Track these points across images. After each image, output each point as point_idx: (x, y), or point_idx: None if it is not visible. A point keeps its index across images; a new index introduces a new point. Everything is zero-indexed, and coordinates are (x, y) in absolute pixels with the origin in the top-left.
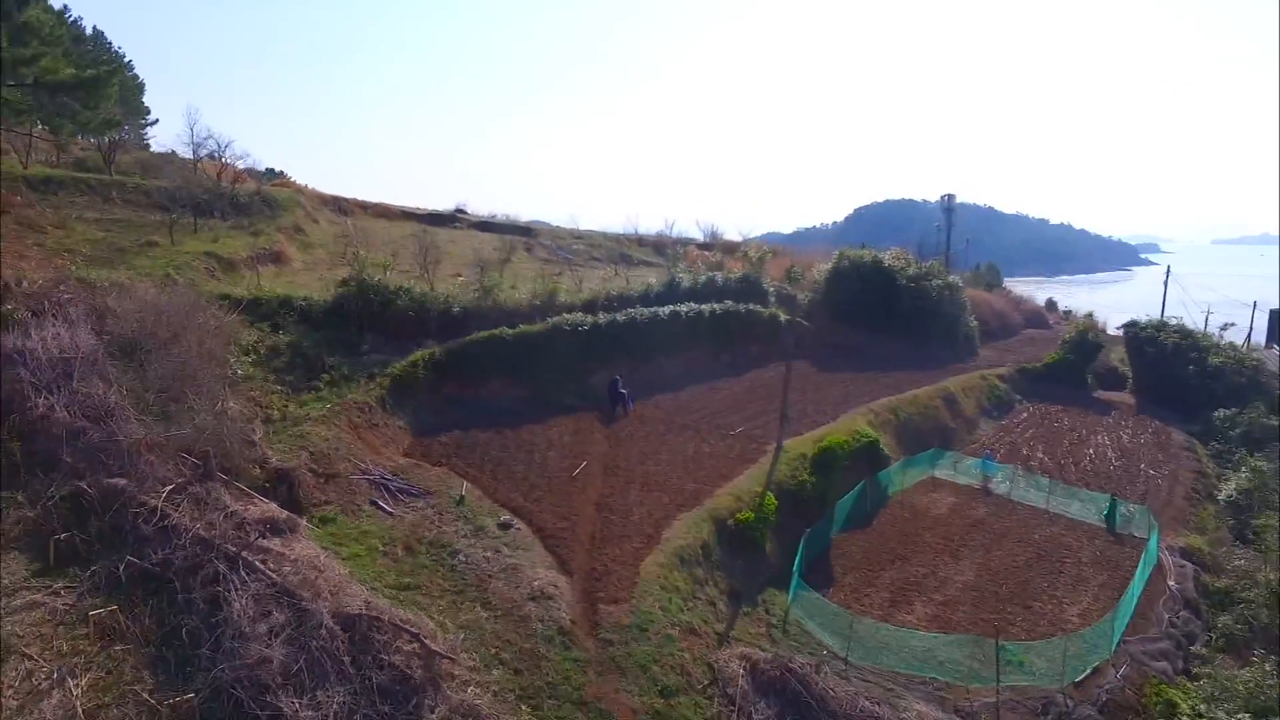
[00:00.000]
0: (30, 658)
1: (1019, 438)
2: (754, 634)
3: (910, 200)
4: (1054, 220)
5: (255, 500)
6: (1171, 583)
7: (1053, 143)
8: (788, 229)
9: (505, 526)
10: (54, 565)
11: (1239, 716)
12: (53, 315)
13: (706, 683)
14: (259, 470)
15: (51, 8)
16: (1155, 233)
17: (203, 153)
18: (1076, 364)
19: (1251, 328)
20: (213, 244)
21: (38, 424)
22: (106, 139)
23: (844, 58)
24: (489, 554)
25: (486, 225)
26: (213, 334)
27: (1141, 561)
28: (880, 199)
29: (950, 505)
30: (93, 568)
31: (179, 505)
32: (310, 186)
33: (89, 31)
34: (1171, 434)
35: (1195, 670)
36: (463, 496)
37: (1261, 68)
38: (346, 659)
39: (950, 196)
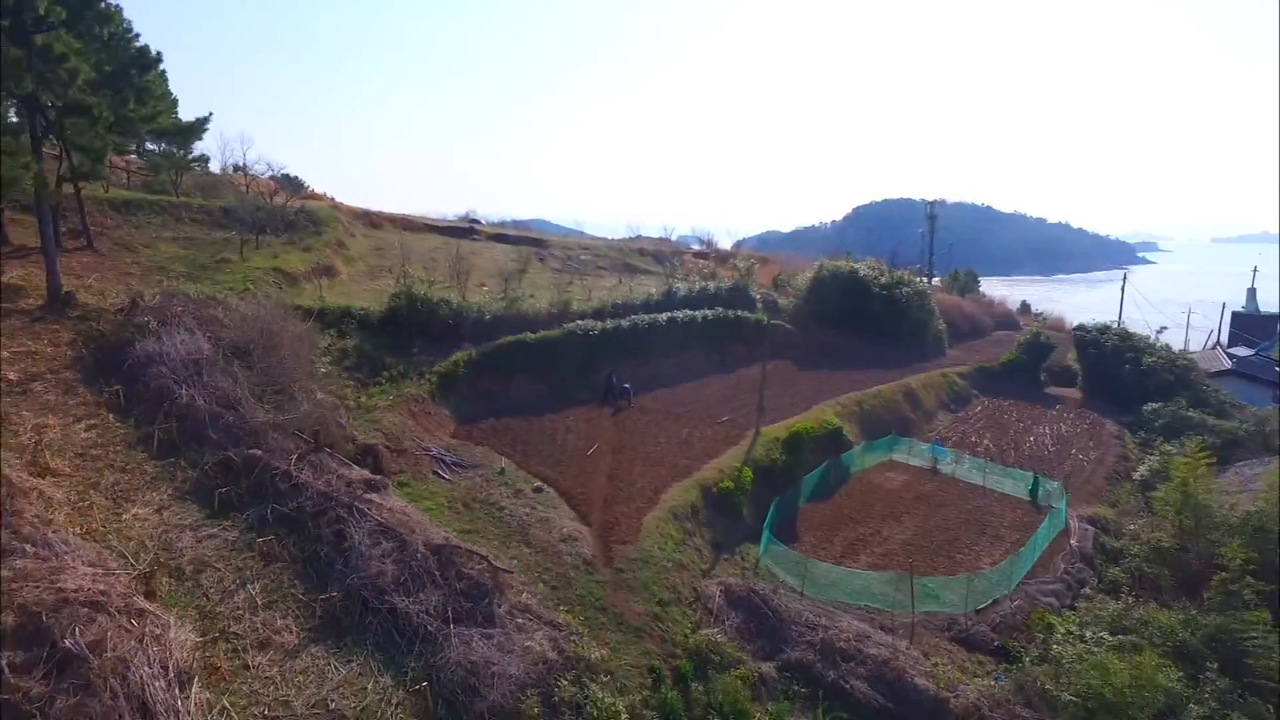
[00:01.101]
0: (218, 569)
1: (970, 428)
2: (731, 573)
3: (908, 199)
4: (1051, 219)
5: (353, 467)
6: (1073, 541)
7: (1053, 141)
8: (787, 228)
9: (538, 490)
10: (218, 511)
11: (1100, 634)
12: (174, 325)
13: (692, 599)
14: (350, 446)
15: (161, 72)
16: (1155, 231)
17: (229, 161)
18: (1030, 363)
19: (1220, 328)
20: (274, 260)
21: (184, 410)
22: (179, 165)
23: (844, 58)
24: (526, 510)
25: (502, 237)
26: (300, 339)
27: (1046, 522)
28: (879, 198)
29: (901, 482)
30: (247, 513)
31: (302, 469)
32: (336, 198)
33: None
34: (1106, 425)
35: (1077, 605)
36: (504, 468)
37: (1262, 66)
38: (436, 573)
39: (933, 204)
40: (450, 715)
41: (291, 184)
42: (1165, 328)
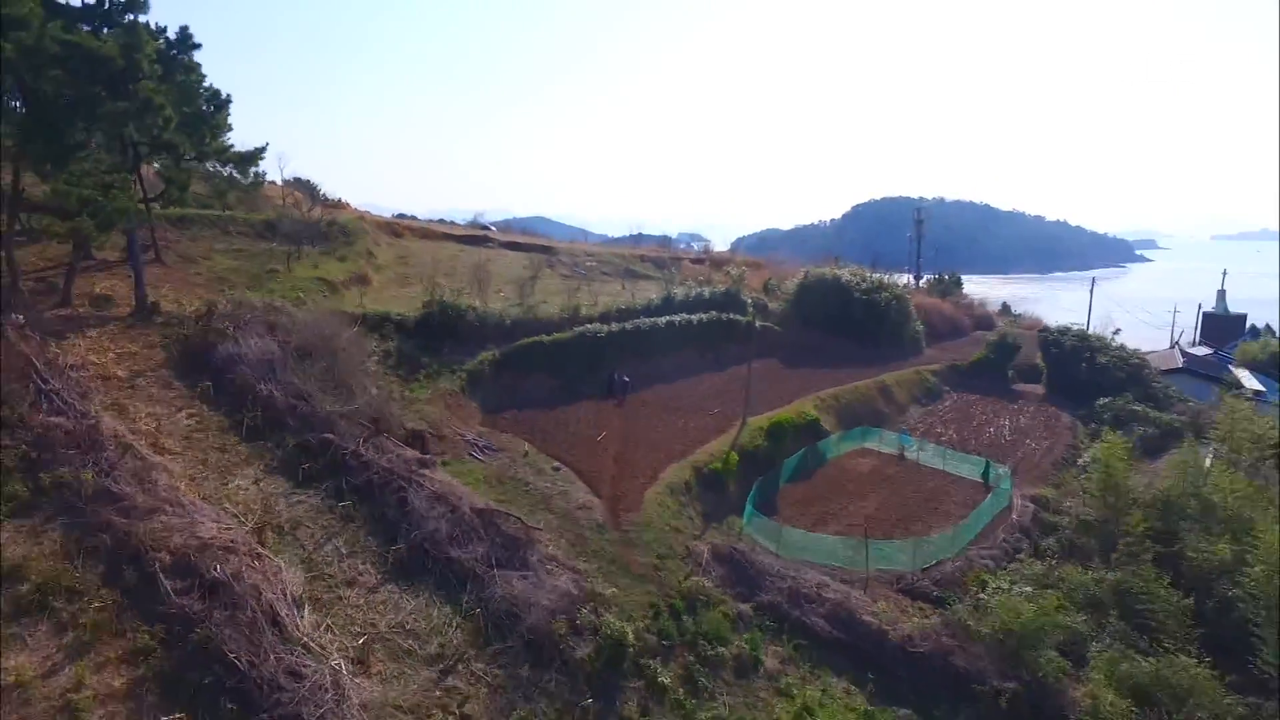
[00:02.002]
0: (309, 527)
1: (938, 420)
2: (717, 537)
3: (906, 198)
4: (1050, 217)
5: (405, 448)
6: (1014, 516)
7: (1054, 139)
8: (787, 225)
9: (556, 469)
10: (302, 483)
11: (1024, 588)
12: (247, 330)
13: (685, 555)
14: (402, 431)
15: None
16: (1156, 228)
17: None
18: (997, 361)
19: (1203, 327)
20: (315, 270)
21: (265, 402)
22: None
23: (843, 56)
24: (548, 484)
25: (513, 245)
26: (353, 342)
27: (989, 499)
28: (878, 196)
29: (870, 466)
30: (325, 484)
31: (367, 449)
32: (347, 200)
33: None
34: (1062, 417)
35: (1010, 567)
36: (527, 451)
37: (1263, 63)
38: (481, 530)
39: (920, 211)
40: (498, 634)
41: (306, 188)
42: (1120, 330)
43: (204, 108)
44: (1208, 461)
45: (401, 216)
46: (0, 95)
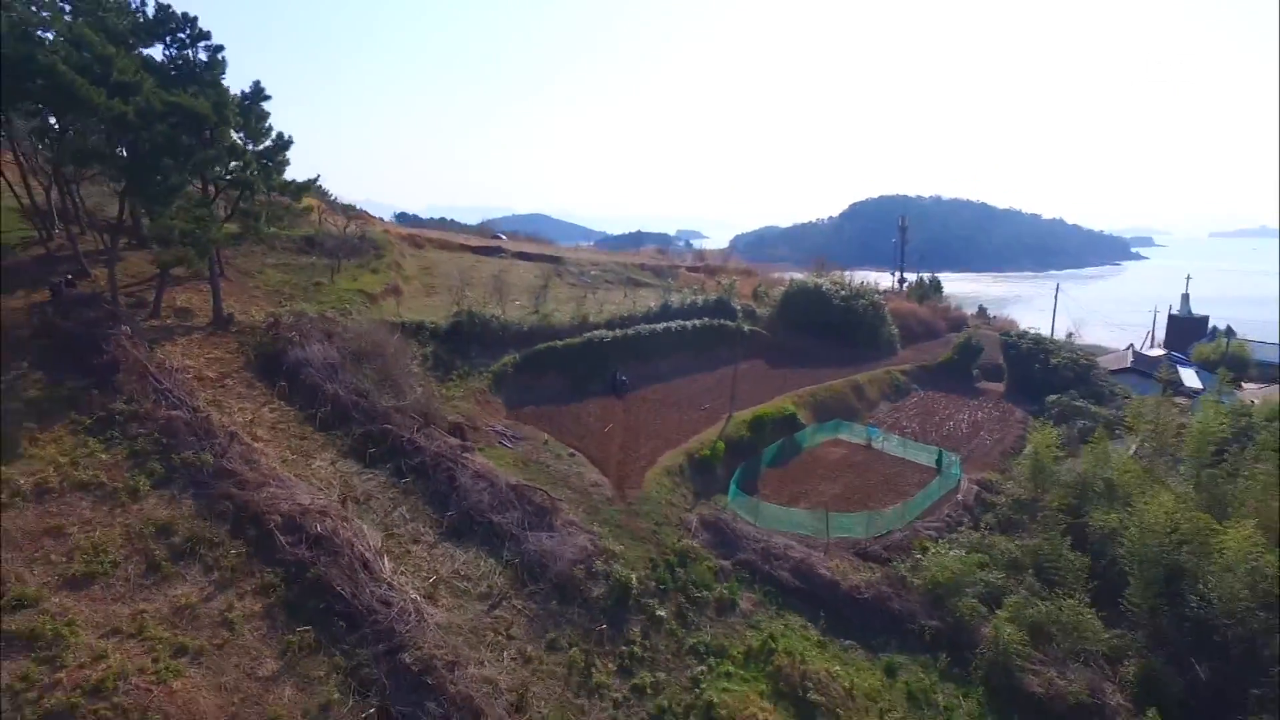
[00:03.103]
0: (379, 498)
1: (904, 415)
2: (705, 510)
3: (904, 196)
4: (1047, 215)
5: (449, 437)
6: (959, 496)
7: (1053, 138)
8: (786, 223)
9: (571, 455)
10: (369, 464)
11: (958, 552)
12: (309, 338)
13: (678, 524)
14: (444, 423)
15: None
16: (1155, 225)
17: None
18: (962, 362)
19: (1168, 328)
20: (354, 282)
21: (332, 399)
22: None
23: (842, 55)
24: (565, 467)
25: (525, 255)
26: (399, 347)
27: (936, 481)
28: (875, 195)
29: (840, 455)
30: (388, 465)
31: (419, 437)
32: (361, 205)
33: None
34: (1016, 412)
35: (949, 536)
36: (546, 440)
37: (1264, 59)
38: (515, 501)
39: (904, 217)
40: (531, 579)
41: (320, 193)
42: (1072, 333)
43: (271, 148)
44: (1131, 449)
45: (404, 215)
46: (112, 148)
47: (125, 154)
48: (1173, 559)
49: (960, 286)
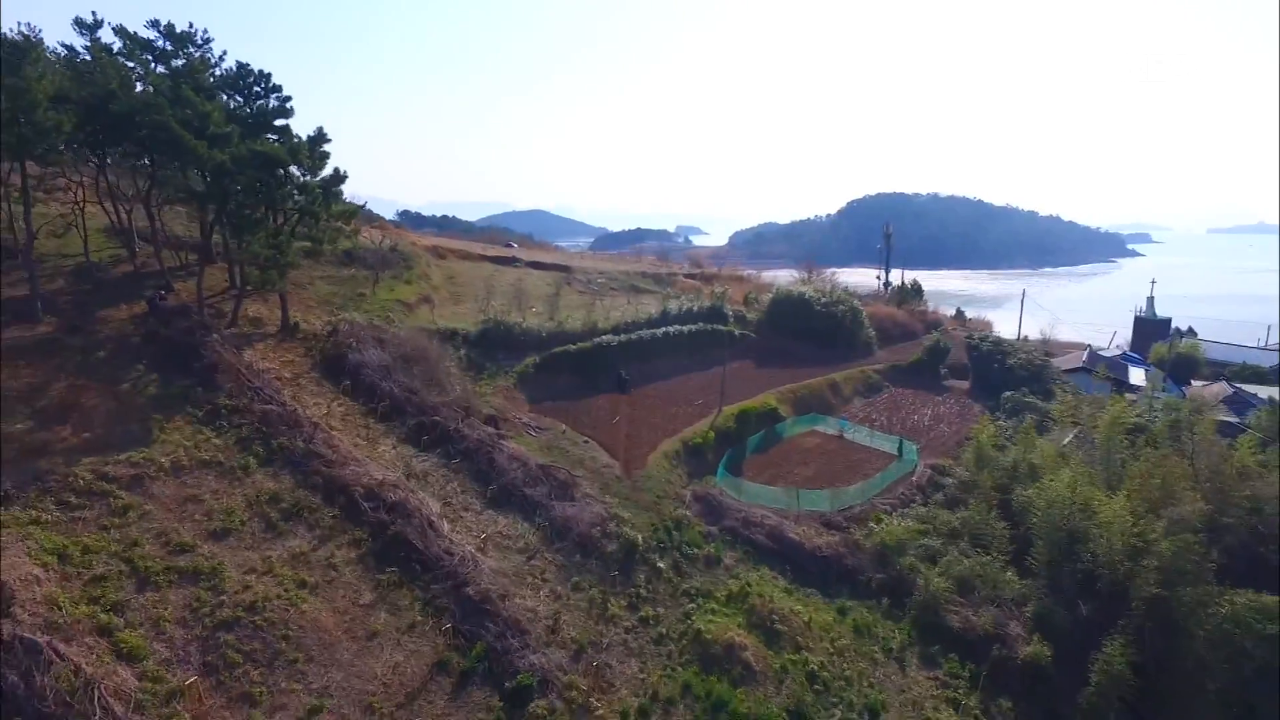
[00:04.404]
0: (434, 476)
1: (875, 410)
2: (697, 487)
3: (901, 194)
4: (1044, 212)
5: (486, 427)
6: (914, 478)
7: (1052, 135)
8: (785, 219)
9: (585, 442)
10: (424, 449)
11: (906, 523)
12: (364, 343)
13: (675, 497)
14: (481, 415)
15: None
16: (1153, 221)
17: None
18: (930, 362)
19: (1134, 329)
20: (392, 293)
21: (388, 395)
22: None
23: (841, 54)
24: (581, 452)
25: (537, 264)
26: (439, 351)
27: (894, 464)
28: (873, 192)
29: (815, 443)
30: (438, 449)
31: (463, 427)
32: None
33: None
34: (975, 407)
35: (902, 511)
36: (565, 430)
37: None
38: (542, 478)
39: (889, 225)
40: (559, 538)
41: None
42: (1028, 336)
43: (329, 179)
44: (1068, 438)
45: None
46: (213, 188)
47: (215, 191)
48: (1070, 524)
49: (954, 284)
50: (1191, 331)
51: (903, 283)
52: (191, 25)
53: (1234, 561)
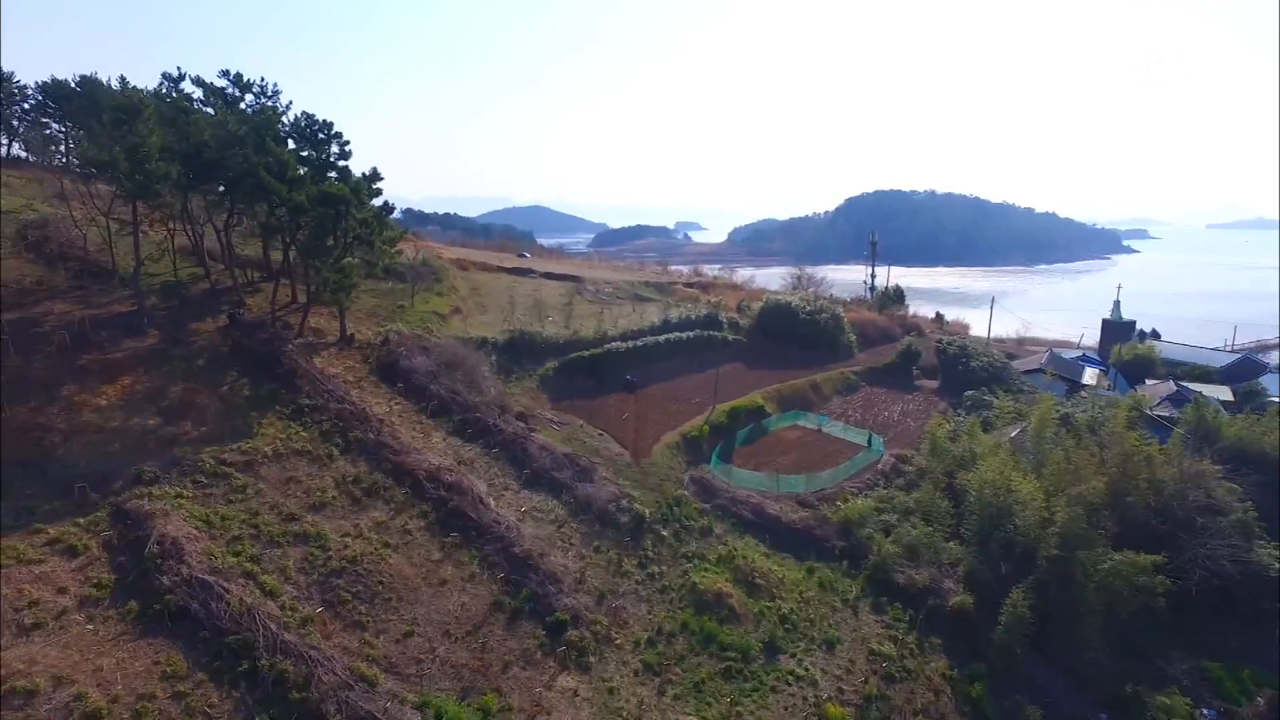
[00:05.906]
0: (481, 462)
1: (851, 407)
2: (694, 473)
3: (898, 191)
4: (1040, 209)
5: (518, 422)
6: (880, 465)
7: (1051, 131)
8: (783, 216)
9: (600, 435)
10: (468, 440)
11: (867, 502)
12: (412, 351)
13: (675, 480)
14: (514, 412)
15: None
16: (1152, 216)
17: None
18: (903, 364)
19: (1102, 331)
20: (427, 305)
21: (436, 396)
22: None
23: (840, 51)
24: (597, 443)
25: (551, 275)
26: (475, 357)
27: (862, 454)
28: (870, 189)
29: (796, 436)
30: (480, 441)
31: (500, 422)
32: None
33: None
34: (941, 404)
35: (867, 493)
36: (582, 424)
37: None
38: (567, 463)
39: (874, 232)
40: (582, 512)
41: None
42: (1001, 337)
43: (380, 209)
44: (1014, 432)
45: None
46: (291, 224)
47: (291, 224)
48: (997, 502)
49: (948, 282)
50: (1155, 334)
51: (886, 288)
52: (262, 79)
53: (1132, 530)
